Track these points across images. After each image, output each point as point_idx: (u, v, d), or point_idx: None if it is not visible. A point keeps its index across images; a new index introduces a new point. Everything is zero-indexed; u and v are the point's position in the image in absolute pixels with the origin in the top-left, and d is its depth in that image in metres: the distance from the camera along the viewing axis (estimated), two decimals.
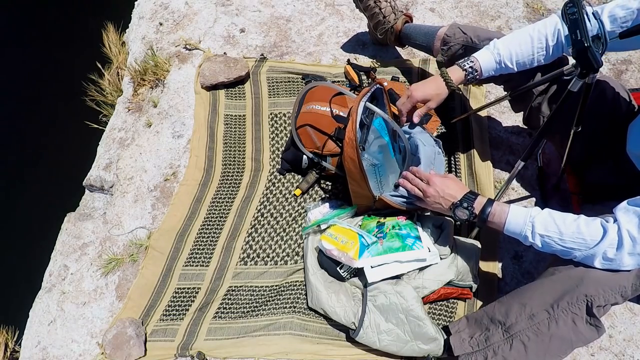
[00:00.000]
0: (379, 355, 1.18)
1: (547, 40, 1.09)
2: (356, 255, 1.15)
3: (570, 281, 0.92)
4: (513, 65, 1.14)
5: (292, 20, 1.91)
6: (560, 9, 0.94)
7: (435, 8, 1.92)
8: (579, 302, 0.89)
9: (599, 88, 1.15)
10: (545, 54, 1.11)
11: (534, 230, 0.94)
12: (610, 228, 0.87)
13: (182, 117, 1.67)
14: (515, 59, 1.12)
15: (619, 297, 0.88)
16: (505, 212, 0.98)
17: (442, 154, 1.30)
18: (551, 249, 0.94)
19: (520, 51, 1.11)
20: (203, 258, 1.39)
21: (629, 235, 0.84)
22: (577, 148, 1.16)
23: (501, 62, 1.14)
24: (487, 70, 1.16)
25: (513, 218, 0.97)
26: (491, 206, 1.00)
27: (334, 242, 1.21)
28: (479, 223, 1.03)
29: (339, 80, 1.69)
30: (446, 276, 1.18)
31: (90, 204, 1.66)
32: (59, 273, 1.45)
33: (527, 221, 0.95)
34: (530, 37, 1.10)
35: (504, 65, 1.14)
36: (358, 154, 1.12)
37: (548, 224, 0.93)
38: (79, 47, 2.79)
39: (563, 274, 0.94)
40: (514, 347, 0.95)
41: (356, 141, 1.10)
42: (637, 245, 0.84)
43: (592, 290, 0.88)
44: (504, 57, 1.13)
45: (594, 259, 0.89)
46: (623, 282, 0.88)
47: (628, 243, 0.84)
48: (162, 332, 1.27)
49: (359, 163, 1.13)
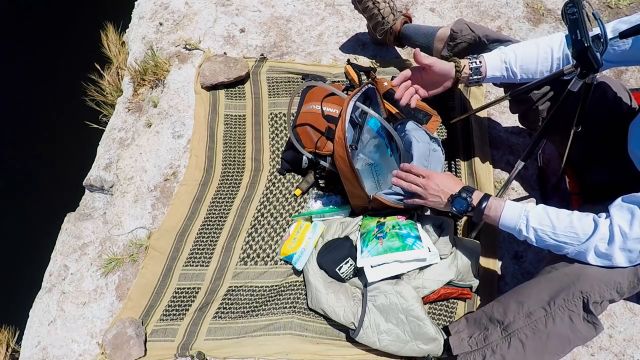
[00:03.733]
0: (379, 355, 1.18)
1: (553, 51, 1.09)
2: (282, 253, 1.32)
3: (567, 278, 0.93)
4: (518, 70, 1.12)
5: (292, 20, 1.91)
6: (560, 9, 0.94)
7: (435, 8, 1.92)
8: (575, 298, 0.90)
9: (599, 88, 1.15)
10: (549, 65, 1.10)
11: (528, 224, 0.95)
12: (602, 223, 0.88)
13: (182, 117, 1.67)
14: (520, 63, 1.11)
15: (615, 294, 0.89)
16: (501, 206, 1.00)
17: (439, 152, 1.30)
18: (545, 244, 0.95)
19: (526, 56, 1.11)
20: (203, 258, 1.39)
21: (620, 230, 0.85)
22: (577, 148, 1.16)
23: (507, 61, 1.11)
24: (492, 71, 1.13)
25: (508, 212, 0.99)
26: (488, 200, 1.02)
27: (295, 235, 1.32)
28: (475, 216, 1.04)
29: (339, 81, 1.69)
30: (446, 276, 1.18)
31: (90, 204, 1.66)
32: (59, 273, 1.45)
33: (521, 215, 0.97)
34: (536, 45, 1.11)
35: (509, 67, 1.12)
36: (347, 153, 1.12)
37: (542, 218, 0.94)
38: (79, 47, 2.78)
39: (559, 272, 0.95)
40: (512, 345, 0.96)
41: (345, 140, 1.11)
42: (628, 241, 0.85)
43: (587, 286, 0.89)
44: (510, 60, 1.11)
45: (586, 254, 0.90)
46: (618, 278, 0.88)
47: (619, 238, 0.85)
48: (162, 332, 1.27)
49: (349, 161, 1.13)
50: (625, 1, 1.92)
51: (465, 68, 1.12)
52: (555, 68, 1.10)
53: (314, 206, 1.43)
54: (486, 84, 1.62)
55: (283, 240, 1.37)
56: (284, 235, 1.38)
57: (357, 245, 1.22)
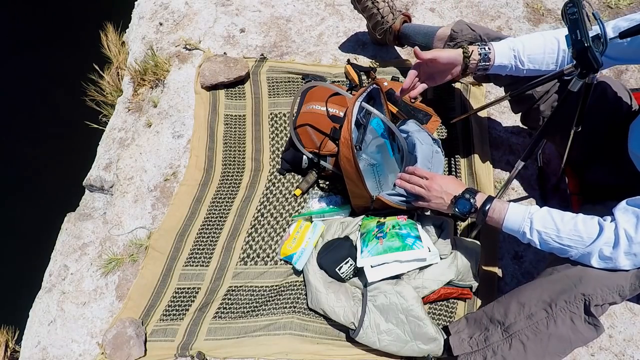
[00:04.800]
0: (378, 355, 1.18)
1: (559, 44, 1.08)
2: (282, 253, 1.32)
3: (568, 280, 0.92)
4: (525, 59, 1.09)
5: (292, 20, 1.91)
6: (560, 9, 0.94)
7: (435, 8, 1.92)
8: (577, 301, 0.90)
9: (599, 88, 1.15)
10: (555, 56, 1.09)
11: (532, 226, 0.95)
12: (607, 227, 0.88)
13: (182, 117, 1.67)
14: (528, 52, 1.09)
15: (617, 297, 0.88)
16: (504, 209, 1.00)
17: (440, 153, 1.30)
18: (548, 247, 0.95)
19: (534, 46, 1.09)
20: (203, 258, 1.39)
21: (625, 234, 0.85)
22: (577, 148, 1.16)
23: (515, 49, 1.09)
24: (500, 59, 1.10)
25: (512, 214, 0.98)
26: (491, 202, 1.01)
27: (295, 235, 1.32)
28: (478, 219, 1.04)
29: (339, 81, 1.69)
30: (446, 276, 1.18)
31: (90, 204, 1.66)
32: (59, 273, 1.45)
33: (525, 217, 0.96)
34: (542, 36, 1.10)
35: (517, 54, 1.10)
36: (354, 153, 1.12)
37: (546, 221, 0.94)
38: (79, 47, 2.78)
39: (561, 274, 0.95)
40: (513, 346, 0.96)
41: (351, 141, 1.11)
42: (634, 245, 0.84)
43: (589, 289, 0.89)
44: (518, 48, 1.09)
45: (590, 257, 0.89)
46: (621, 282, 0.88)
47: (624, 242, 0.85)
48: (162, 332, 1.27)
49: (354, 162, 1.13)
50: (625, 1, 1.92)
51: (474, 54, 1.09)
52: (562, 60, 1.09)
53: (314, 206, 1.43)
54: (486, 84, 1.62)
55: (283, 240, 1.37)
56: (284, 236, 1.38)
57: (357, 245, 1.22)
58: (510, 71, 1.13)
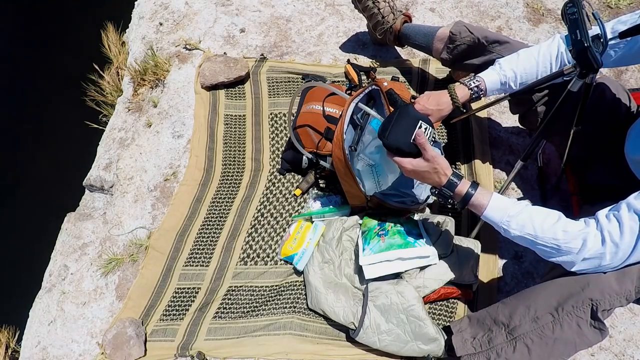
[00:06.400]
0: (379, 355, 1.18)
1: (552, 65, 1.11)
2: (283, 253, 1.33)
3: (576, 284, 0.90)
4: (516, 87, 1.17)
5: (292, 20, 1.91)
6: (560, 9, 0.94)
7: (435, 8, 1.92)
8: (584, 305, 0.88)
9: (598, 88, 1.15)
10: (549, 72, 1.12)
11: (510, 228, 0.93)
12: (591, 235, 0.85)
13: (182, 117, 1.67)
14: (520, 81, 1.16)
15: (624, 301, 0.87)
16: (483, 206, 0.95)
17: (440, 153, 1.30)
18: (529, 247, 0.94)
19: (525, 74, 1.15)
20: (203, 258, 1.39)
21: (610, 238, 0.83)
22: (577, 148, 1.16)
23: (506, 83, 1.17)
24: (491, 90, 1.19)
25: (490, 212, 0.95)
26: (475, 189, 0.97)
27: (295, 235, 1.33)
28: (459, 204, 0.99)
29: (339, 81, 1.69)
30: (447, 275, 1.18)
31: (90, 204, 1.66)
32: (59, 273, 1.45)
33: (503, 220, 0.93)
34: (535, 61, 1.13)
35: (507, 87, 1.18)
36: (344, 154, 1.12)
37: (525, 226, 0.91)
38: (79, 47, 2.79)
39: (569, 277, 0.93)
40: (517, 349, 0.95)
41: (343, 141, 1.11)
42: (620, 251, 0.83)
43: (597, 294, 0.87)
44: (510, 79, 1.16)
45: (573, 264, 0.88)
46: (629, 287, 0.86)
47: (609, 249, 0.83)
48: (162, 332, 1.27)
49: (345, 162, 1.14)
50: (625, 1, 1.92)
51: (463, 91, 1.18)
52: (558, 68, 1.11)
53: (314, 206, 1.43)
54: None
55: (283, 240, 1.37)
56: (284, 236, 1.38)
57: (358, 243, 1.22)
58: (504, 92, 1.21)
